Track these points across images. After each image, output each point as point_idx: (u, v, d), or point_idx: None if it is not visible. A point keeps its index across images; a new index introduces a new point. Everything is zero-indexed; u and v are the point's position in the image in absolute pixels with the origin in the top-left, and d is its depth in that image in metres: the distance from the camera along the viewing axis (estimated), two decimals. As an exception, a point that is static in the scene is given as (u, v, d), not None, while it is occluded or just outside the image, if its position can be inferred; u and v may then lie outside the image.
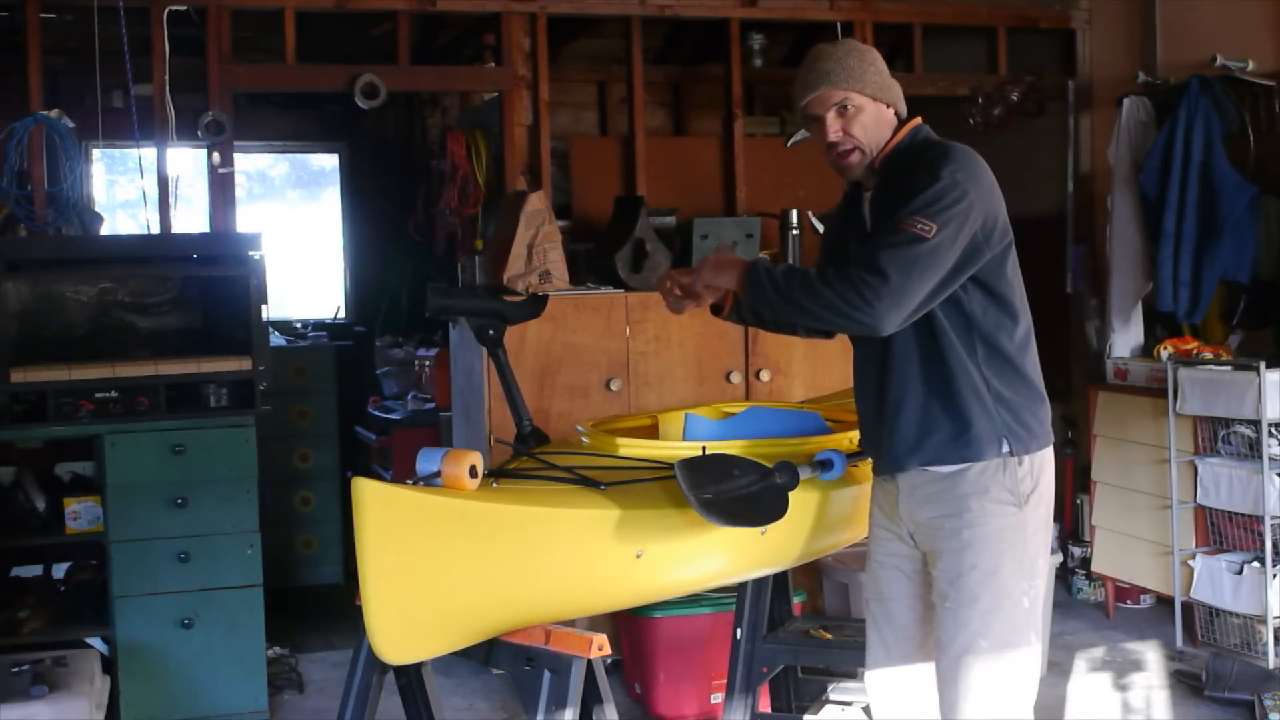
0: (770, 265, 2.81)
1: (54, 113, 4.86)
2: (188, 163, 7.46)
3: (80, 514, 4.48)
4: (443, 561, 2.42)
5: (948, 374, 2.80)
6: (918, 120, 2.94)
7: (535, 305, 3.51)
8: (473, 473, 2.50)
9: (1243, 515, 4.89)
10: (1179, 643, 5.15)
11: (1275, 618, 4.66)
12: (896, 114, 2.92)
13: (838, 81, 2.84)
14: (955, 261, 2.71)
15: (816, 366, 5.15)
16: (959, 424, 2.80)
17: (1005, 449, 2.81)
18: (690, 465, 2.73)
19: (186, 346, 4.81)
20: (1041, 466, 2.88)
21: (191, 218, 7.48)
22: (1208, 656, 4.89)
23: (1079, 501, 6.23)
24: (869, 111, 2.86)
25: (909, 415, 2.83)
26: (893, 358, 2.84)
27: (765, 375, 5.15)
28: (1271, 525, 4.70)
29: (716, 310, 3.13)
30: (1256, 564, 4.76)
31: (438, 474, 2.50)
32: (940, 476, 2.84)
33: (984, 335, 2.81)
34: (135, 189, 5.29)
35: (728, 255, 2.92)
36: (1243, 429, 4.86)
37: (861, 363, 2.97)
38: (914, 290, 2.67)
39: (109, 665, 4.40)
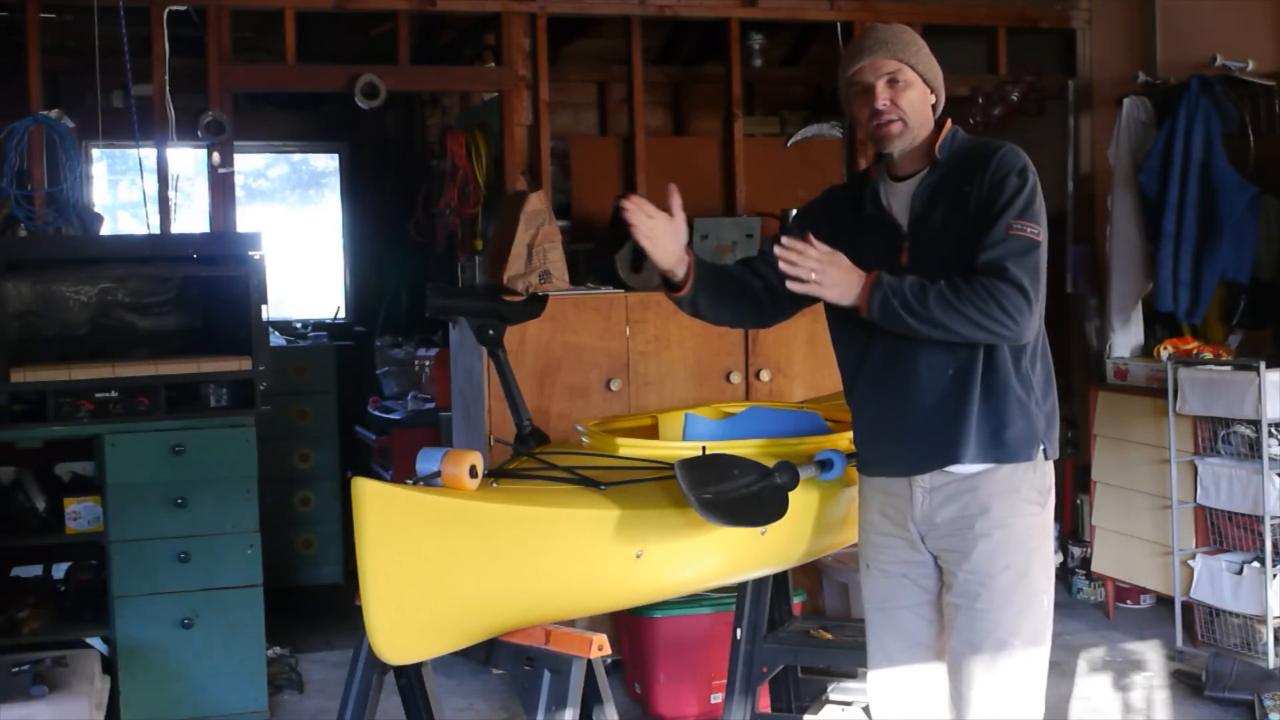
0: (895, 281, 2.71)
1: (54, 113, 4.86)
2: (188, 163, 7.47)
3: (80, 514, 4.48)
4: (443, 561, 2.42)
5: (999, 378, 2.78)
6: (950, 121, 2.93)
7: (535, 305, 3.51)
8: (473, 473, 2.50)
9: (1243, 515, 4.89)
10: (1179, 643, 5.15)
11: (1275, 618, 4.66)
12: (935, 106, 2.90)
13: (894, 51, 2.83)
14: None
15: (816, 366, 5.15)
16: (1003, 428, 2.78)
17: (1041, 450, 2.82)
18: (690, 465, 2.73)
19: (186, 346, 4.81)
20: (1051, 466, 2.90)
21: (191, 218, 7.48)
22: (1208, 656, 4.89)
23: (1079, 501, 6.23)
24: (917, 90, 2.84)
25: (967, 417, 2.77)
26: (950, 361, 2.78)
27: (765, 375, 5.15)
28: (1271, 525, 4.70)
29: (671, 288, 2.94)
30: (1256, 564, 4.76)
31: (438, 474, 2.50)
32: (965, 476, 2.81)
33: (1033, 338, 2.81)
34: (136, 189, 5.29)
35: (841, 261, 2.74)
36: (1243, 429, 4.86)
37: (891, 364, 2.86)
38: (1042, 295, 2.72)
39: (109, 665, 4.40)
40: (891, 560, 2.95)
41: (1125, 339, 5.78)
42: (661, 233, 2.84)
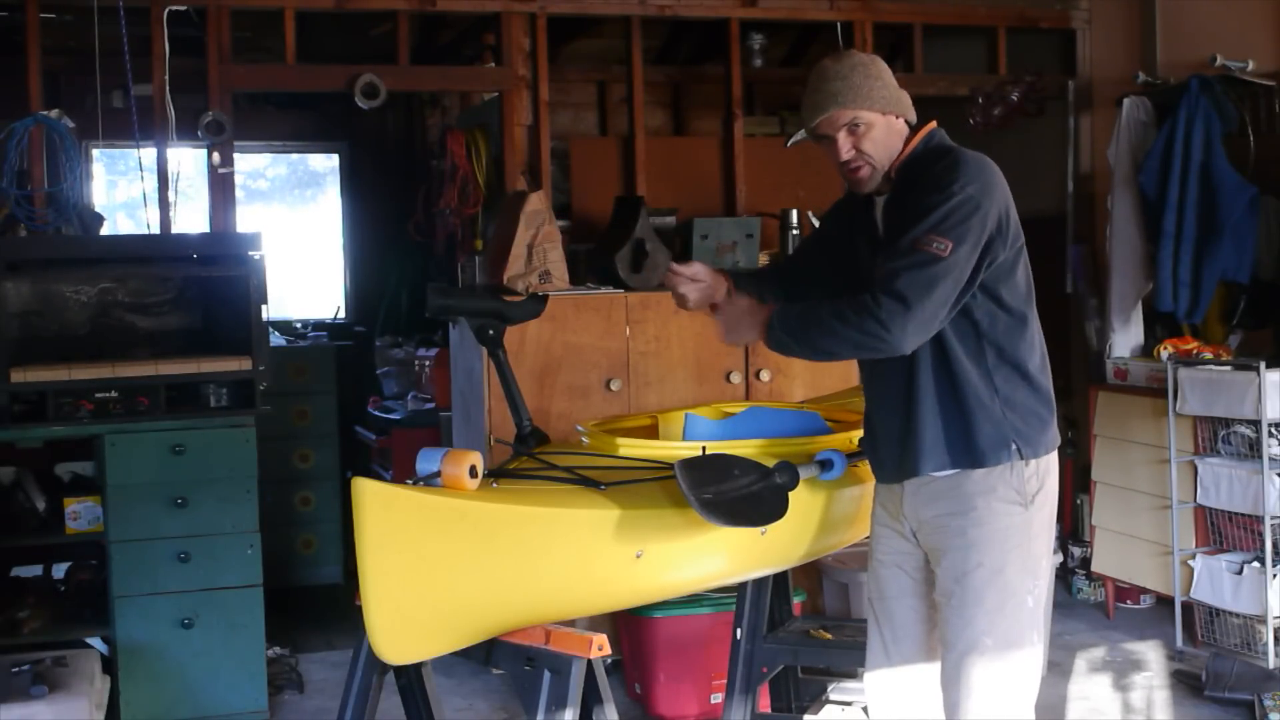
0: (785, 313, 2.82)
1: (54, 113, 4.86)
2: (188, 163, 7.47)
3: (80, 514, 4.48)
4: (443, 561, 2.42)
5: (956, 383, 2.81)
6: (932, 125, 2.94)
7: (535, 305, 3.50)
8: (473, 473, 2.50)
9: (1243, 515, 4.89)
10: (1179, 643, 5.15)
11: (1275, 618, 4.66)
12: (907, 121, 2.92)
13: (845, 102, 2.84)
14: (970, 272, 2.73)
15: (816, 367, 5.13)
16: (966, 432, 2.81)
17: (1013, 450, 2.82)
18: (690, 465, 2.73)
19: (186, 346, 4.81)
20: (1048, 469, 2.91)
21: (191, 218, 7.48)
22: (1208, 656, 4.89)
23: (1079, 501, 6.23)
24: (879, 126, 2.87)
25: (922, 425, 2.83)
26: (904, 370, 2.84)
27: (765, 375, 5.15)
28: (1271, 525, 4.70)
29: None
30: (1256, 564, 4.76)
31: (438, 474, 2.50)
32: (943, 477, 2.86)
33: (993, 342, 2.82)
34: (136, 189, 5.29)
35: (740, 306, 2.94)
36: (1243, 429, 4.86)
37: (872, 374, 2.98)
38: (934, 310, 2.69)
39: (109, 665, 4.40)
40: (888, 550, 3.03)
41: (1125, 339, 5.78)
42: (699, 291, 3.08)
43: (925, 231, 2.69)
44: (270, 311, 4.69)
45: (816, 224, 5.16)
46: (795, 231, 5.27)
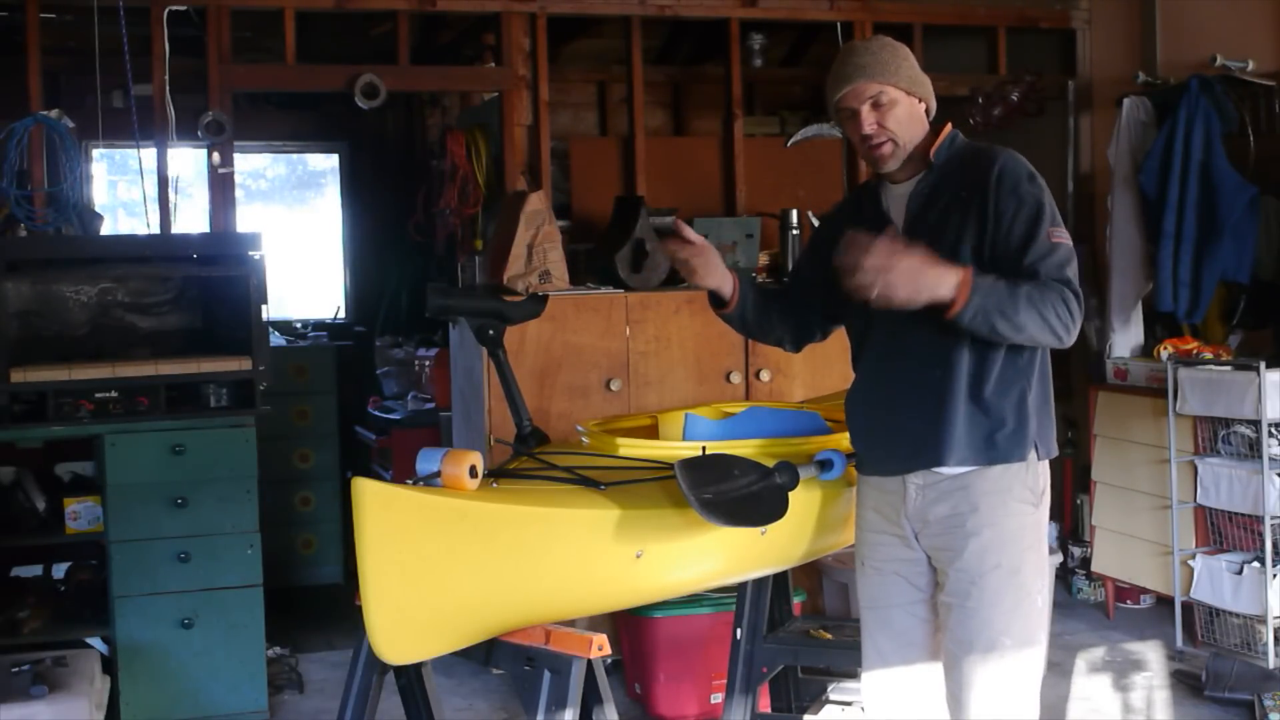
0: (986, 279, 2.66)
1: (54, 113, 4.86)
2: (188, 163, 7.47)
3: (80, 514, 4.48)
4: (443, 561, 2.42)
5: (988, 378, 2.79)
6: (950, 125, 2.94)
7: (535, 305, 3.51)
8: (473, 473, 2.50)
9: (1243, 515, 4.89)
10: (1179, 643, 5.15)
11: (1275, 618, 4.66)
12: (928, 110, 2.92)
13: (873, 74, 2.84)
14: None
15: (816, 366, 5.15)
16: (992, 429, 2.79)
17: (1033, 450, 2.83)
18: (690, 465, 2.73)
19: (186, 346, 4.81)
20: (1047, 467, 2.91)
21: (191, 218, 7.48)
22: (1208, 656, 4.89)
23: (1079, 501, 6.23)
24: (903, 105, 2.86)
25: (952, 419, 2.79)
26: (940, 361, 2.80)
27: (765, 375, 5.15)
28: (1271, 525, 4.70)
29: (718, 304, 3.08)
30: (1256, 564, 4.76)
31: (438, 474, 2.50)
32: (956, 475, 2.83)
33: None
34: (136, 189, 5.29)
35: (916, 257, 2.64)
36: (1243, 429, 4.86)
37: (888, 364, 2.90)
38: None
39: (109, 665, 4.40)
40: (885, 558, 2.97)
41: (1125, 339, 5.78)
42: (703, 260, 3.03)
43: (1049, 226, 2.74)
44: (270, 311, 4.69)
45: (816, 224, 5.16)
46: (795, 231, 5.27)
